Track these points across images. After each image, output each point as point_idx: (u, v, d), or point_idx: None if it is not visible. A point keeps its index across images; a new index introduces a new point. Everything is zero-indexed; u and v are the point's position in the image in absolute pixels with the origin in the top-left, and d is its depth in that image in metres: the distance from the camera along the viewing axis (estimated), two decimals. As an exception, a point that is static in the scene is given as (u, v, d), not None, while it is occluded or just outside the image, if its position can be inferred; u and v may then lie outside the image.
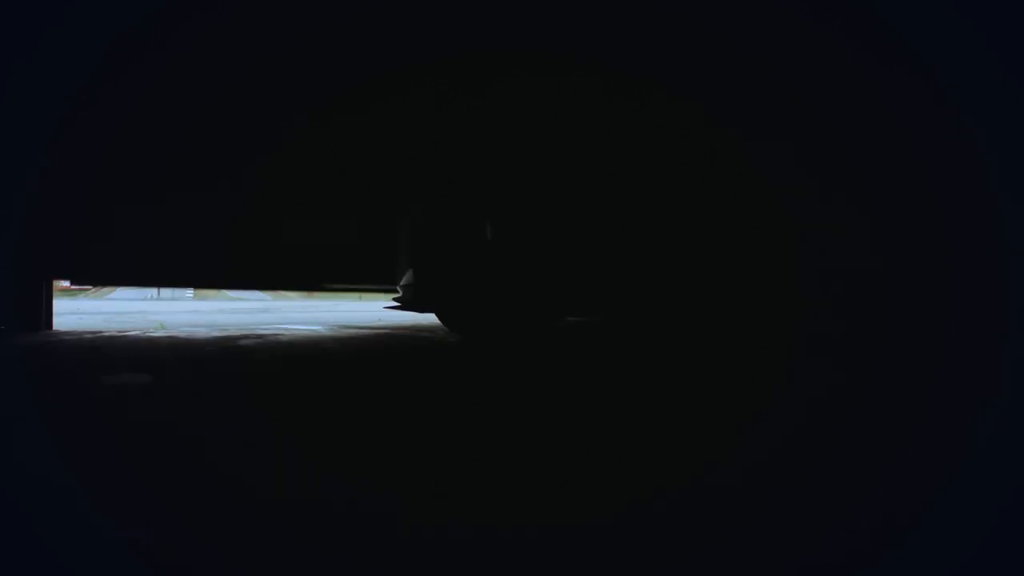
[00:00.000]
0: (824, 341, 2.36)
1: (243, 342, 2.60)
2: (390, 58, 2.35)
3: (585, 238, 2.60)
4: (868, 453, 0.86)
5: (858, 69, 2.03)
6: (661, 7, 2.10)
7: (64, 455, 0.83)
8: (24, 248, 2.62)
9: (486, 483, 0.74)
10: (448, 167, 2.76)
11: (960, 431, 1.02)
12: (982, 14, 1.92)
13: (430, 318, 4.64)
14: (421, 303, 3.11)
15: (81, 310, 7.58)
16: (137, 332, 3.22)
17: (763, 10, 2.05)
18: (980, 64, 1.95)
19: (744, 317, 2.32)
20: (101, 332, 3.19)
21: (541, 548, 0.57)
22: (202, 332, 3.22)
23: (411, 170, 2.71)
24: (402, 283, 3.32)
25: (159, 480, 0.72)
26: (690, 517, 0.64)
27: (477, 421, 1.08)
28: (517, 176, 2.66)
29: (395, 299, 3.42)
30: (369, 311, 7.58)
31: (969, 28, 1.93)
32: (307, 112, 2.45)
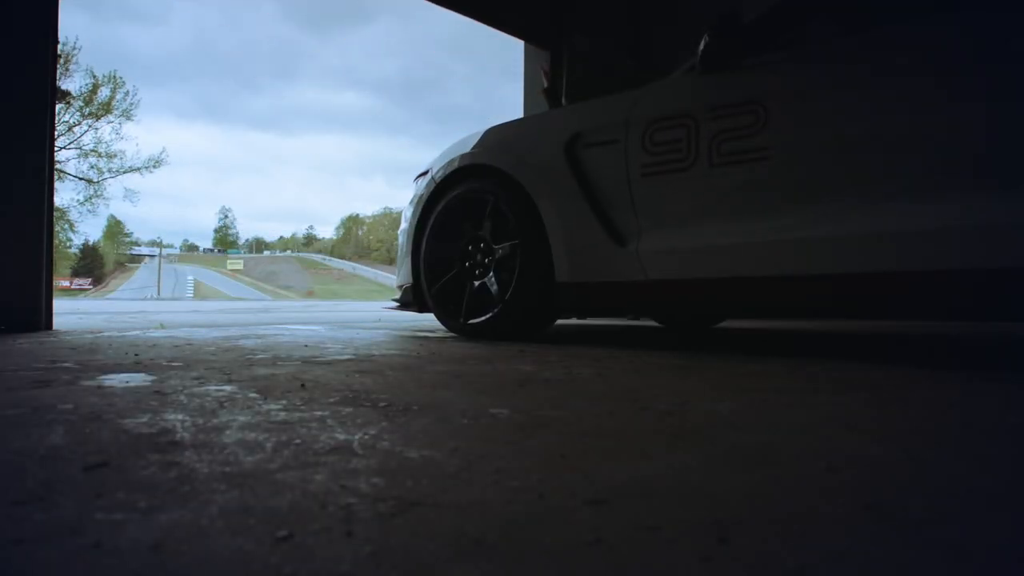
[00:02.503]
0: None
1: (244, 342, 2.59)
2: None
3: None
4: None
5: None
6: None
7: (67, 459, 0.82)
8: None
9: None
10: None
11: None
12: None
13: (429, 318, 4.64)
14: (419, 303, 3.10)
15: (81, 310, 7.59)
16: (137, 332, 3.22)
17: None
18: None
19: None
20: (101, 332, 3.18)
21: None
22: (202, 332, 3.22)
23: None
24: (399, 283, 3.32)
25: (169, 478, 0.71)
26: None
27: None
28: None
29: (393, 299, 3.42)
30: (368, 311, 7.60)
31: None
32: None
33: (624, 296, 2.36)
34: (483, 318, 2.74)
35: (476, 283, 2.81)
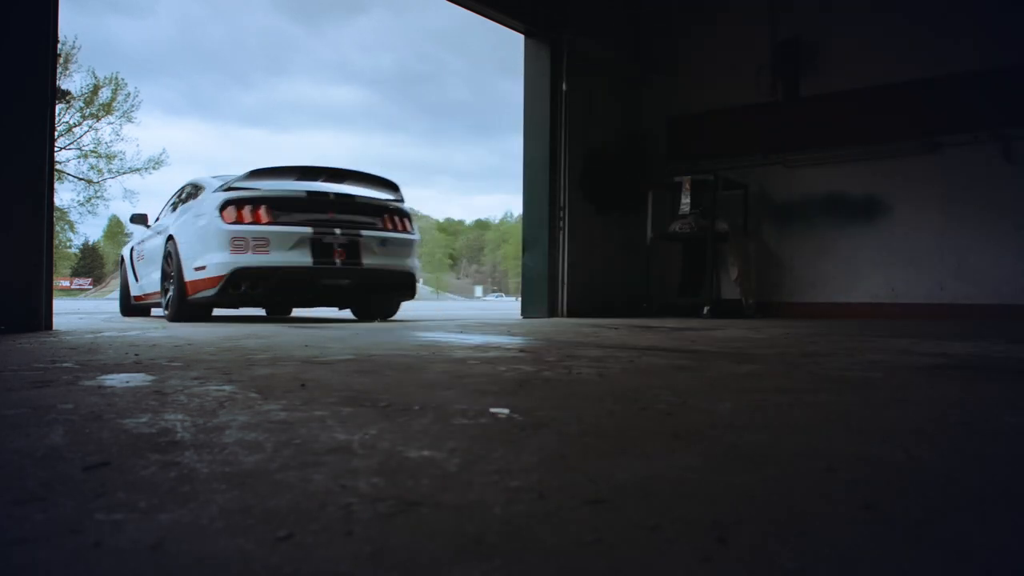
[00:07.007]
0: None
1: (244, 342, 2.59)
2: None
3: None
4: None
5: None
6: None
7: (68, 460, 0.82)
8: None
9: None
10: None
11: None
12: None
13: (431, 317, 4.61)
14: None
15: (81, 310, 7.60)
16: (137, 332, 3.22)
17: None
18: None
19: None
20: (101, 332, 3.18)
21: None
22: (202, 332, 3.22)
23: None
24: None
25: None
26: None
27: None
28: None
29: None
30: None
31: None
32: None
33: (143, 300, 5.67)
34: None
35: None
